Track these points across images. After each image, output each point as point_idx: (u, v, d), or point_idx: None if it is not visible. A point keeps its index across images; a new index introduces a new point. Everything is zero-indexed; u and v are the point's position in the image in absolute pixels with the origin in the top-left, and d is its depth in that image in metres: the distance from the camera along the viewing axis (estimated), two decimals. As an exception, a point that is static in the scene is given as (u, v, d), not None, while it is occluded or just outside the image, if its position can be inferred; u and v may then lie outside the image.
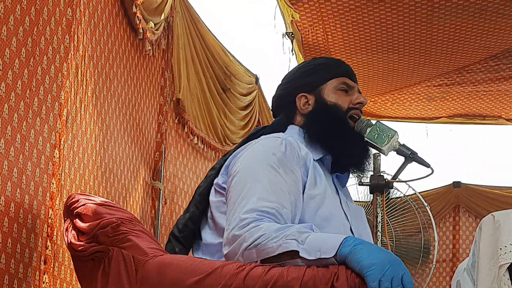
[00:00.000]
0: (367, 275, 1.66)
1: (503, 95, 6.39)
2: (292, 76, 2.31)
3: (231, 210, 1.96)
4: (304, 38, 5.25)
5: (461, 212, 8.50)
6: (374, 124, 2.27)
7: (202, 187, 2.19)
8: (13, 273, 2.50)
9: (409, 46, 5.33)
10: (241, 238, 1.87)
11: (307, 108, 2.24)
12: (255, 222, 1.87)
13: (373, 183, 2.45)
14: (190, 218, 2.16)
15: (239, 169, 2.04)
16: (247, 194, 1.95)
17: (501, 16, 4.84)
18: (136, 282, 1.96)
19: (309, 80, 2.26)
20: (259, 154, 2.06)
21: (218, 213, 2.09)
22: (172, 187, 5.02)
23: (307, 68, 2.30)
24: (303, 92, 2.25)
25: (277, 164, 2.02)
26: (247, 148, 2.11)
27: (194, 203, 2.18)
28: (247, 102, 6.10)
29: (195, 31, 5.07)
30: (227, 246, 1.92)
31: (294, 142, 2.10)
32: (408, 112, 6.91)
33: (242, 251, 1.86)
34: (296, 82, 2.28)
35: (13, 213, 2.49)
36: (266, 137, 2.14)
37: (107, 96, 3.65)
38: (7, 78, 2.44)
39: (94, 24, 3.42)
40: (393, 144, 2.27)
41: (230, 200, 2.00)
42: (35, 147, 2.69)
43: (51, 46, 2.84)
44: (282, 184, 1.99)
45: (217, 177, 2.15)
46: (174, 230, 2.19)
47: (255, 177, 1.99)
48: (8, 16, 2.44)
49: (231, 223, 1.92)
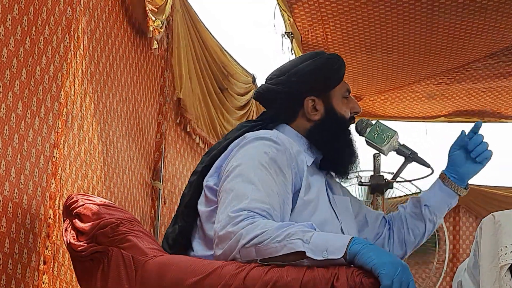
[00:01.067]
0: (381, 273, 1.67)
1: (503, 92, 6.38)
2: (299, 72, 2.18)
3: (221, 208, 1.92)
4: (303, 38, 5.24)
5: (461, 212, 8.49)
6: (374, 124, 2.27)
7: (188, 196, 2.12)
8: (11, 273, 2.49)
9: (408, 45, 5.33)
10: (237, 235, 1.82)
11: (315, 114, 2.17)
12: (248, 219, 1.84)
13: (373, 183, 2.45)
14: (180, 233, 2.10)
15: (231, 168, 2.00)
16: (239, 194, 1.91)
17: (501, 14, 4.83)
18: (135, 282, 1.96)
19: (319, 82, 2.17)
20: (251, 153, 2.01)
21: (208, 223, 2.03)
22: (172, 187, 5.01)
23: (314, 66, 2.18)
24: (312, 95, 2.17)
25: (268, 163, 1.97)
26: (239, 147, 2.06)
27: (182, 215, 2.11)
28: (244, 102, 6.10)
29: (194, 31, 5.07)
30: (220, 245, 1.87)
31: (285, 140, 2.06)
32: (408, 110, 6.91)
33: (239, 248, 1.82)
34: (304, 81, 2.17)
35: (11, 213, 2.48)
36: (257, 134, 2.08)
37: (108, 95, 3.65)
38: (5, 78, 2.44)
39: (95, 23, 3.42)
40: (393, 144, 2.27)
41: (221, 199, 1.96)
42: (34, 147, 2.68)
43: (50, 46, 2.83)
44: (273, 184, 1.95)
45: (201, 180, 2.10)
46: (164, 245, 2.13)
47: (246, 177, 1.95)
48: (6, 16, 2.43)
49: (222, 221, 1.87)
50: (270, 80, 2.23)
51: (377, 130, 2.26)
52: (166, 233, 2.16)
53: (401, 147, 2.30)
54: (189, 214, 2.10)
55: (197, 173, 2.12)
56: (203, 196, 2.08)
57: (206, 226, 2.04)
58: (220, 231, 1.86)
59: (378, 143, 2.26)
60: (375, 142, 2.26)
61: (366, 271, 1.70)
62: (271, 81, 2.22)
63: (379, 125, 2.27)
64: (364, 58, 5.55)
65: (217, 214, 1.94)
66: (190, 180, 2.15)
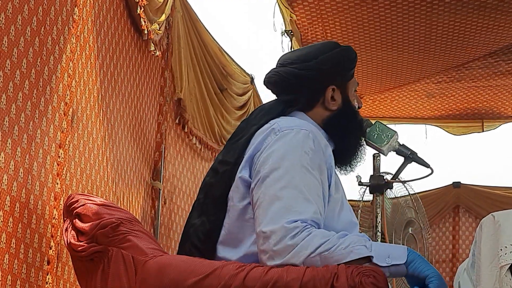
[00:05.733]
0: (432, 282, 1.79)
1: (503, 90, 6.38)
2: (330, 59, 2.13)
3: (266, 216, 1.87)
4: (303, 36, 5.25)
5: (461, 212, 8.49)
6: (373, 124, 2.27)
7: (219, 187, 2.04)
8: (16, 273, 2.49)
9: (408, 44, 5.33)
10: (298, 247, 1.81)
11: (333, 104, 2.14)
12: (305, 231, 1.83)
13: (373, 183, 2.46)
14: (212, 228, 2.02)
15: (270, 168, 1.93)
16: (288, 204, 1.87)
17: (500, 13, 4.83)
18: (135, 282, 1.96)
19: (342, 71, 2.15)
20: (291, 152, 1.94)
21: (239, 221, 1.98)
22: (171, 187, 5.02)
23: (338, 55, 2.15)
24: (333, 84, 2.13)
25: (310, 165, 1.93)
26: (275, 140, 1.97)
27: (215, 208, 2.03)
28: (242, 102, 6.10)
29: (194, 31, 5.07)
30: (277, 258, 1.83)
31: (317, 134, 2.02)
32: (407, 110, 6.91)
33: (303, 259, 1.81)
34: (333, 69, 2.13)
35: (18, 213, 2.48)
36: (290, 126, 2.00)
37: (112, 96, 3.66)
38: (15, 78, 2.44)
39: (100, 23, 3.43)
40: (392, 144, 2.27)
41: (262, 204, 1.90)
42: (41, 147, 2.69)
43: (57, 46, 2.84)
44: (318, 187, 1.92)
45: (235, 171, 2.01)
46: (195, 239, 2.04)
47: (291, 182, 1.90)
48: (16, 16, 2.44)
49: (277, 232, 1.83)
50: (292, 65, 2.14)
51: (377, 130, 2.26)
52: (193, 225, 2.06)
53: (401, 147, 2.30)
54: (221, 206, 2.02)
55: (230, 164, 2.04)
56: (236, 188, 2.01)
57: (236, 223, 1.99)
58: (277, 245, 1.83)
59: (378, 143, 2.26)
60: (375, 142, 2.26)
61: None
62: (294, 65, 2.14)
63: (379, 125, 2.27)
64: (363, 57, 5.56)
65: (260, 220, 1.88)
66: (218, 170, 2.07)
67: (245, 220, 1.97)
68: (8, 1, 2.37)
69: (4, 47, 2.36)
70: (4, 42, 2.35)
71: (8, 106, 2.39)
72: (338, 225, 1.97)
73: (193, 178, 5.41)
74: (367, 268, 1.78)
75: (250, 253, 1.95)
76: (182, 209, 5.10)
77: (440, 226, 8.48)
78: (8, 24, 2.38)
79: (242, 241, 1.97)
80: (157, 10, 4.16)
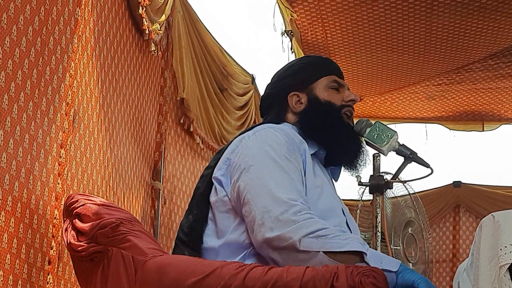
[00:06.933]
0: (419, 284, 1.82)
1: (503, 93, 6.38)
2: (282, 74, 2.32)
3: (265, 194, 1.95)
4: (303, 37, 5.25)
5: (461, 212, 8.49)
6: (373, 124, 2.28)
7: (202, 188, 2.17)
8: (18, 273, 2.49)
9: (408, 45, 5.33)
10: (300, 224, 1.87)
11: (299, 106, 2.25)
12: (308, 213, 1.90)
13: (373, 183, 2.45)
14: (195, 221, 2.13)
15: (253, 160, 2.03)
16: (281, 182, 1.97)
17: (500, 15, 4.83)
18: (135, 282, 1.96)
19: (300, 78, 2.27)
20: (267, 143, 2.06)
21: (219, 213, 2.08)
22: (171, 187, 5.02)
23: (297, 66, 2.31)
24: (294, 90, 2.26)
25: (288, 153, 2.04)
26: (247, 140, 2.10)
27: (197, 205, 2.15)
28: (243, 102, 6.11)
29: (194, 31, 5.07)
30: (276, 229, 1.89)
31: (288, 130, 2.14)
32: (408, 111, 6.91)
33: (301, 236, 1.86)
34: (287, 80, 2.28)
35: (19, 213, 2.49)
36: (262, 128, 2.14)
37: (113, 96, 3.66)
38: (17, 78, 2.45)
39: (101, 23, 3.43)
40: (392, 144, 2.27)
41: (255, 188, 1.97)
42: (43, 147, 2.69)
43: (59, 46, 2.84)
44: (298, 174, 2.03)
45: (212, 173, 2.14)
46: (180, 234, 2.16)
47: (275, 168, 2.00)
48: (18, 16, 2.44)
49: (281, 204, 1.91)
50: (265, 91, 2.37)
51: (377, 130, 2.26)
52: (180, 225, 2.19)
53: (401, 147, 2.30)
54: (202, 202, 2.14)
55: (210, 167, 2.17)
56: (214, 188, 2.13)
57: (218, 215, 2.08)
58: (282, 215, 1.90)
59: (378, 143, 2.26)
60: (375, 142, 2.26)
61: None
62: (265, 91, 2.36)
63: (379, 125, 2.28)
64: (363, 58, 5.56)
65: (256, 200, 1.96)
66: (204, 174, 2.21)
67: (224, 211, 2.07)
68: (10, 1, 2.38)
69: (6, 47, 2.36)
70: (6, 42, 2.36)
71: (10, 106, 2.40)
72: (317, 211, 2.00)
73: (193, 178, 5.42)
74: (367, 268, 1.78)
75: (229, 241, 2.03)
76: (182, 209, 5.10)
77: (440, 226, 8.48)
78: (10, 24, 2.39)
79: (223, 231, 2.06)
80: (158, 10, 4.17)
